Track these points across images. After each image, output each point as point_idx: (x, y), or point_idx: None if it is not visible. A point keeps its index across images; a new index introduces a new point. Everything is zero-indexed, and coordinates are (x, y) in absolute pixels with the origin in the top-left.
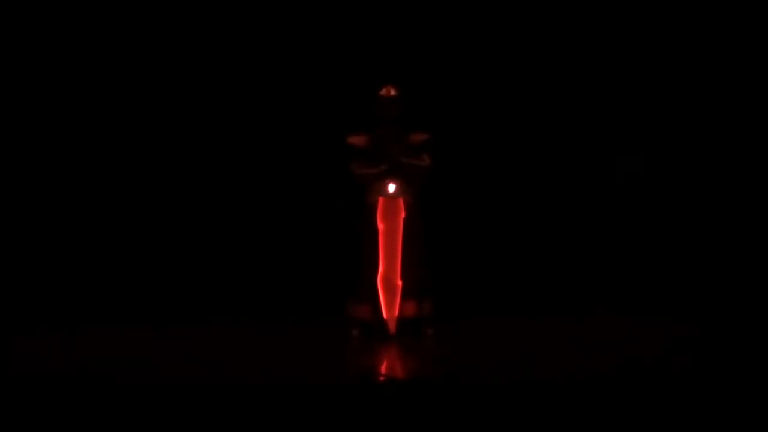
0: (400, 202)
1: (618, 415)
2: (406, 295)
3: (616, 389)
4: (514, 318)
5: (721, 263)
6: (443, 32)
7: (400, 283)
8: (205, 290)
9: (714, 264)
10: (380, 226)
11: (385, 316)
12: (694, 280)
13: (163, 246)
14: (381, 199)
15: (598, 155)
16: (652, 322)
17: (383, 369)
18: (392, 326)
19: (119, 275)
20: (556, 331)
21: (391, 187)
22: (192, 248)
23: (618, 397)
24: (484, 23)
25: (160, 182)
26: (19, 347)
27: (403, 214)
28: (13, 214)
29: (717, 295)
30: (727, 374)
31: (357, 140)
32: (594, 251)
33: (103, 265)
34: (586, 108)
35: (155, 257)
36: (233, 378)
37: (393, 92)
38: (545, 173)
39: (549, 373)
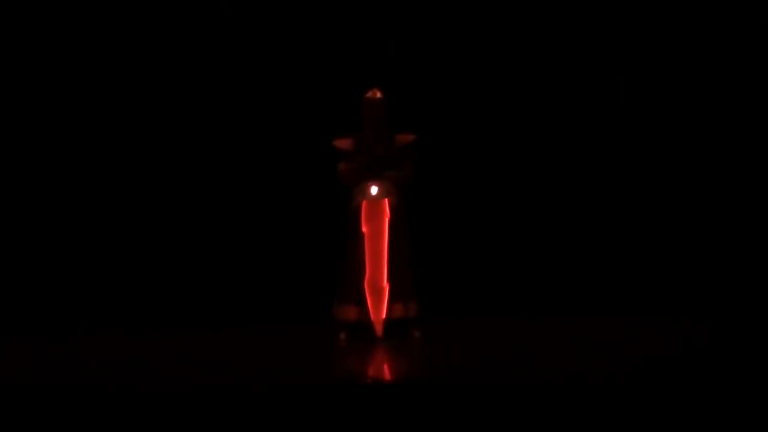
0: (384, 204)
1: (618, 415)
2: (392, 297)
3: (615, 390)
4: (504, 319)
5: (721, 263)
6: (429, 35)
7: (386, 285)
8: (205, 291)
9: (714, 264)
10: (364, 229)
11: (372, 319)
12: (693, 280)
13: (163, 247)
14: (364, 202)
15: (594, 153)
16: (652, 322)
17: (370, 371)
18: (379, 329)
19: (119, 276)
20: (552, 331)
21: (374, 190)
22: (191, 249)
23: (617, 398)
24: (471, 26)
25: (159, 184)
26: (19, 347)
27: (387, 216)
28: (12, 214)
29: (717, 294)
30: (728, 374)
31: (343, 143)
32: (594, 251)
33: (103, 266)
34: (579, 105)
35: (155, 258)
36: (234, 378)
37: (379, 94)
38: (539, 171)
39: (545, 373)
